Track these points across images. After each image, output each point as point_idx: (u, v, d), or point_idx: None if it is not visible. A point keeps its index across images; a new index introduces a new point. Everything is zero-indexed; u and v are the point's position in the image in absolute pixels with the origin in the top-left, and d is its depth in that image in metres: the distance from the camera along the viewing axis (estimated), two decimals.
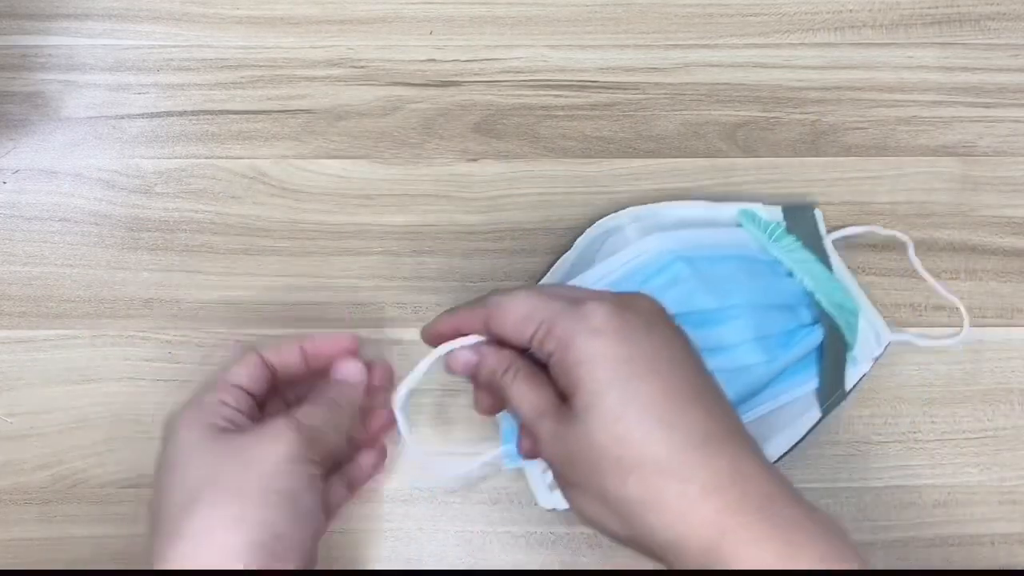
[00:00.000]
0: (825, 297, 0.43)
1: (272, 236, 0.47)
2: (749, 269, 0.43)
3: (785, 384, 0.42)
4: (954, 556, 0.43)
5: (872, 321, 0.45)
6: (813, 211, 0.46)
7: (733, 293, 0.41)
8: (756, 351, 0.41)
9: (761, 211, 0.46)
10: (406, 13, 0.51)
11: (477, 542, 0.43)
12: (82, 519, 0.43)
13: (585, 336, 0.31)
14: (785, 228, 0.45)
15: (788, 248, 0.44)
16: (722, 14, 0.51)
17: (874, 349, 0.44)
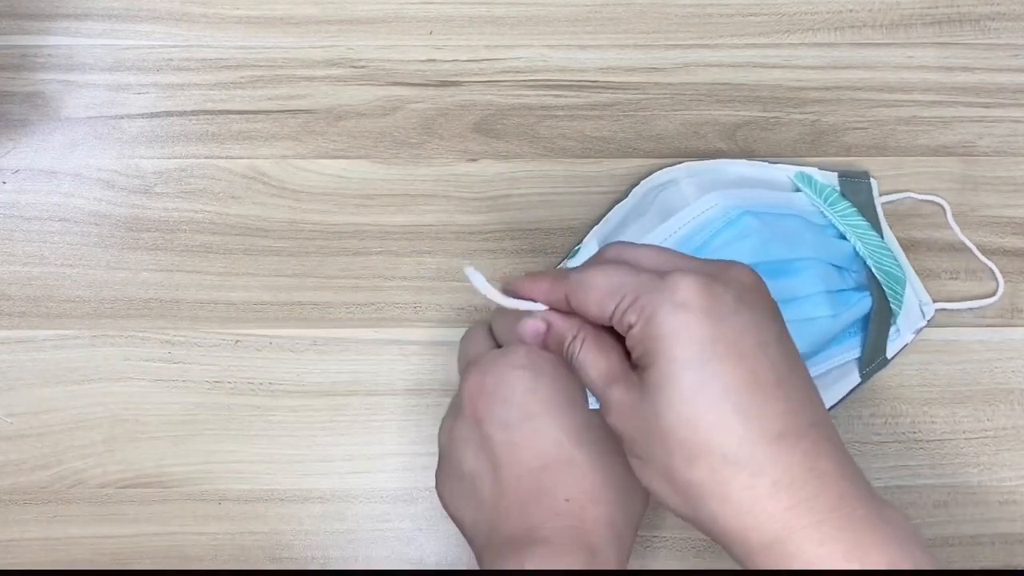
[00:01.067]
0: (876, 264, 0.44)
1: (272, 236, 0.47)
2: (809, 228, 0.44)
3: (836, 348, 0.43)
4: (954, 556, 0.43)
5: (917, 292, 0.45)
6: (869, 180, 0.47)
7: (801, 246, 0.42)
8: (824, 304, 0.41)
9: (817, 175, 0.46)
10: (406, 13, 0.51)
11: None
12: (82, 519, 0.43)
13: (668, 309, 0.29)
14: (840, 194, 0.46)
15: (842, 213, 0.45)
16: (722, 14, 0.51)
17: (918, 320, 0.45)
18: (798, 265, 0.42)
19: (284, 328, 0.46)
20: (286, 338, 0.45)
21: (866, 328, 0.44)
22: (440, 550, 0.43)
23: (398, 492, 0.44)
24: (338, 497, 0.43)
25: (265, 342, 0.45)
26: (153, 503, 0.43)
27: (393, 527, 0.43)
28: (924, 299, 0.45)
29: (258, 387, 0.45)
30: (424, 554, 0.43)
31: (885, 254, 0.45)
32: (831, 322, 0.41)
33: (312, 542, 0.43)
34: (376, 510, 0.43)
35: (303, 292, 0.46)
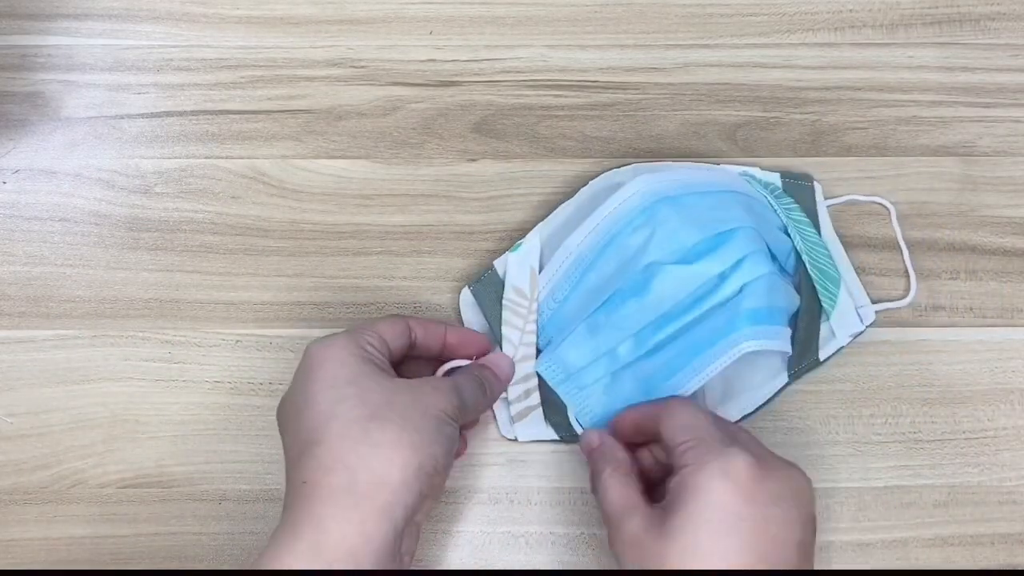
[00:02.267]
0: (811, 260, 0.44)
1: (272, 236, 0.47)
2: (746, 203, 0.43)
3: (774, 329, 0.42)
4: (954, 556, 0.43)
5: (856, 297, 0.45)
6: (812, 182, 0.47)
7: (728, 219, 0.41)
8: (764, 261, 0.41)
9: (759, 174, 0.47)
10: (406, 13, 0.51)
11: (477, 542, 0.43)
12: (82, 519, 0.43)
13: (718, 474, 0.34)
14: (783, 191, 0.46)
15: (786, 207, 0.45)
16: (722, 14, 0.51)
17: (855, 324, 0.44)
18: (731, 235, 0.41)
19: (284, 328, 0.46)
20: (286, 338, 0.45)
21: (795, 328, 0.43)
22: (440, 550, 0.43)
23: None
24: None
25: (265, 342, 0.45)
26: (153, 503, 0.43)
27: None
28: (862, 302, 0.45)
29: (258, 387, 0.45)
30: (424, 554, 0.43)
31: (822, 252, 0.45)
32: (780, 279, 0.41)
33: None
34: None
35: (303, 292, 0.46)
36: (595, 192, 0.45)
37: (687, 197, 0.42)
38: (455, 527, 0.43)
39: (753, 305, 0.40)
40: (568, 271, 0.43)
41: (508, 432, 0.43)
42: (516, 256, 0.44)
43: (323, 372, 0.37)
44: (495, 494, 0.43)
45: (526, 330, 0.43)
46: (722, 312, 0.41)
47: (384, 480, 0.34)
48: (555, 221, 0.45)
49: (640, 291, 0.41)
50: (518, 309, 0.43)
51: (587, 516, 0.43)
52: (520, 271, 0.44)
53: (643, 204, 0.42)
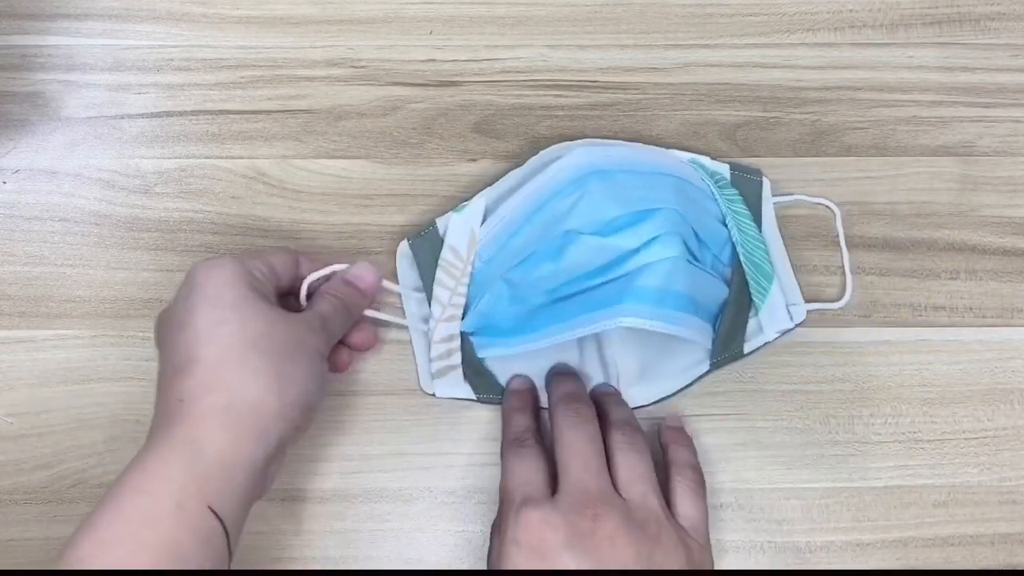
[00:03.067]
0: (745, 253, 0.44)
1: (272, 236, 0.47)
2: (679, 187, 0.43)
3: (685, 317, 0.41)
4: (954, 556, 0.43)
5: (787, 292, 0.45)
6: (761, 177, 0.47)
7: (653, 200, 0.41)
8: (675, 244, 0.40)
9: (708, 162, 0.47)
10: (406, 13, 0.51)
11: (477, 542, 0.43)
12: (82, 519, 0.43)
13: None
14: (729, 182, 0.46)
15: (728, 197, 0.45)
16: (722, 14, 0.51)
17: (784, 321, 0.44)
18: (652, 214, 0.41)
19: None
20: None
21: (720, 318, 0.43)
22: (440, 550, 0.43)
23: (398, 492, 0.44)
24: (338, 497, 0.43)
25: None
26: None
27: (393, 527, 0.43)
28: (794, 300, 0.45)
29: None
30: (424, 554, 0.43)
31: (758, 247, 0.45)
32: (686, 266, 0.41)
33: (312, 542, 0.43)
34: (376, 510, 0.43)
35: None
36: (543, 161, 0.45)
37: (620, 174, 0.42)
38: (455, 527, 0.43)
39: (646, 284, 0.40)
40: (497, 233, 0.44)
41: (428, 387, 0.44)
42: (459, 217, 0.45)
43: (206, 292, 0.37)
44: (495, 494, 0.43)
45: (456, 291, 0.44)
46: (615, 284, 0.41)
47: (262, 406, 0.35)
48: (502, 186, 0.45)
49: (555, 256, 0.41)
50: (452, 270, 0.44)
51: None
52: (460, 232, 0.45)
53: (575, 175, 0.42)
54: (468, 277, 0.44)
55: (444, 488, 0.44)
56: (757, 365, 0.45)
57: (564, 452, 0.38)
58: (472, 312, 0.43)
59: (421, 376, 0.44)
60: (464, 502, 0.43)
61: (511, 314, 0.43)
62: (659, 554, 0.35)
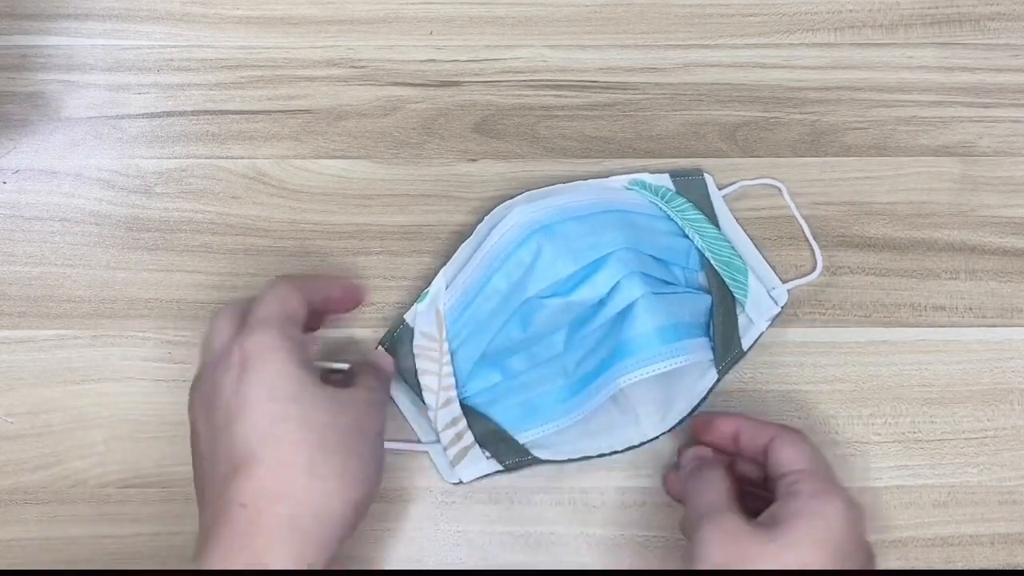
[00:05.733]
0: (714, 256, 0.44)
1: (272, 236, 0.47)
2: (624, 221, 0.43)
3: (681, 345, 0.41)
4: (954, 556, 0.43)
5: (764, 279, 0.45)
6: (701, 175, 0.47)
7: (602, 245, 0.42)
8: (636, 284, 0.41)
9: (649, 178, 0.47)
10: (406, 13, 0.51)
11: (477, 542, 0.43)
12: (82, 519, 0.43)
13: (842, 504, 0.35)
14: (675, 192, 0.47)
15: (679, 209, 0.45)
16: (722, 14, 0.51)
17: (770, 307, 0.45)
18: (604, 260, 0.41)
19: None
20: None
21: (712, 320, 0.44)
22: (440, 550, 0.43)
23: (398, 492, 0.44)
24: None
25: None
26: (153, 503, 0.43)
27: (393, 527, 0.43)
28: (772, 284, 0.45)
29: None
30: (424, 554, 0.43)
31: (723, 245, 0.45)
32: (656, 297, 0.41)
33: None
34: (376, 510, 0.43)
35: None
36: (489, 225, 0.44)
37: (563, 224, 0.42)
38: (455, 527, 0.43)
39: (631, 335, 0.41)
40: (459, 309, 0.43)
41: (451, 477, 0.43)
42: (423, 305, 0.44)
43: (262, 379, 0.35)
44: (495, 494, 0.43)
45: (443, 373, 0.43)
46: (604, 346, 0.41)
47: (327, 514, 0.34)
48: (457, 260, 0.44)
49: (523, 326, 0.42)
50: (430, 354, 0.43)
51: (587, 516, 0.43)
52: (427, 317, 0.44)
53: (519, 236, 0.42)
54: (448, 355, 0.43)
55: (444, 488, 0.44)
56: (757, 366, 0.45)
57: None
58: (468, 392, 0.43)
59: (441, 470, 0.43)
60: (464, 502, 0.43)
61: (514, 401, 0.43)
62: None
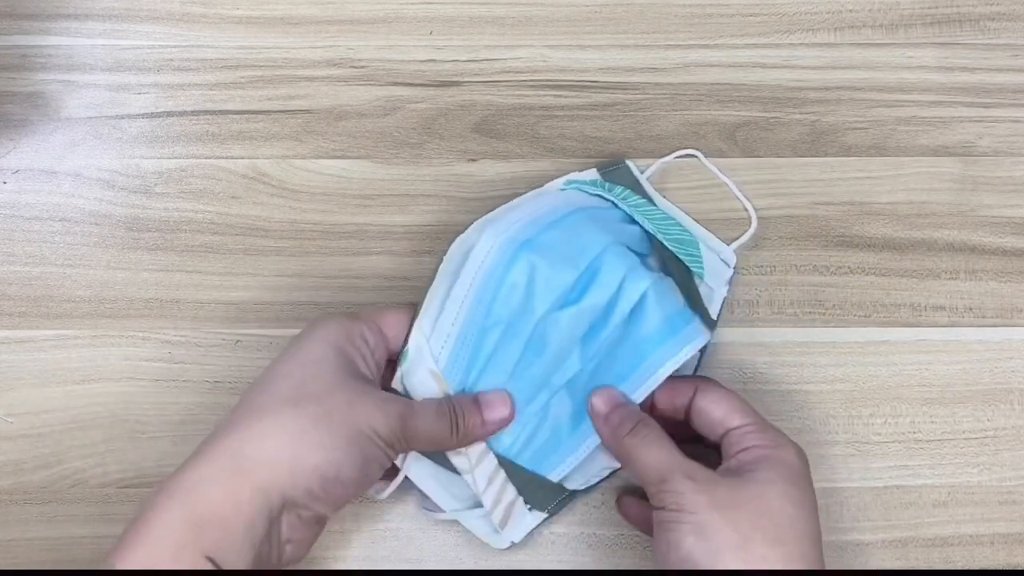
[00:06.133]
0: (664, 235, 0.44)
1: (272, 236, 0.47)
2: (593, 218, 0.42)
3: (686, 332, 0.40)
4: (954, 556, 0.43)
5: (713, 246, 0.46)
6: (624, 163, 0.47)
7: (590, 245, 0.40)
8: (643, 274, 0.40)
9: (580, 175, 0.47)
10: (406, 13, 0.51)
11: (477, 542, 0.43)
12: (82, 519, 0.43)
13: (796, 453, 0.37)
14: (609, 183, 0.46)
15: (620, 196, 0.45)
16: (722, 14, 0.51)
17: (725, 272, 0.45)
18: (600, 259, 0.40)
19: (284, 328, 0.46)
20: (286, 338, 0.45)
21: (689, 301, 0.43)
22: (440, 550, 0.43)
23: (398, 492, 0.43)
24: None
25: (265, 342, 0.45)
26: None
27: (393, 527, 0.43)
28: (720, 248, 0.46)
29: None
30: (424, 554, 0.43)
31: (669, 223, 0.45)
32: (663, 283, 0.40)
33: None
34: (376, 510, 0.43)
35: (303, 292, 0.46)
36: (460, 255, 0.41)
37: (540, 235, 0.40)
38: (455, 527, 0.43)
39: (646, 332, 0.40)
40: (451, 358, 0.40)
41: (501, 543, 0.40)
42: (407, 366, 0.40)
43: (300, 343, 0.38)
44: None
45: None
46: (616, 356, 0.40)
47: (270, 461, 0.34)
48: (430, 309, 0.41)
49: (540, 348, 0.40)
50: None
51: (587, 516, 0.43)
52: (422, 380, 0.40)
53: (503, 258, 0.39)
54: None
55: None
56: (757, 365, 0.45)
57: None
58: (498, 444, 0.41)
59: (488, 539, 0.40)
60: None
61: (541, 440, 0.41)
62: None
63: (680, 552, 0.34)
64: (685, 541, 0.34)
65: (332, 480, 0.35)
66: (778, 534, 0.34)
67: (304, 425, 0.35)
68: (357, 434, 0.36)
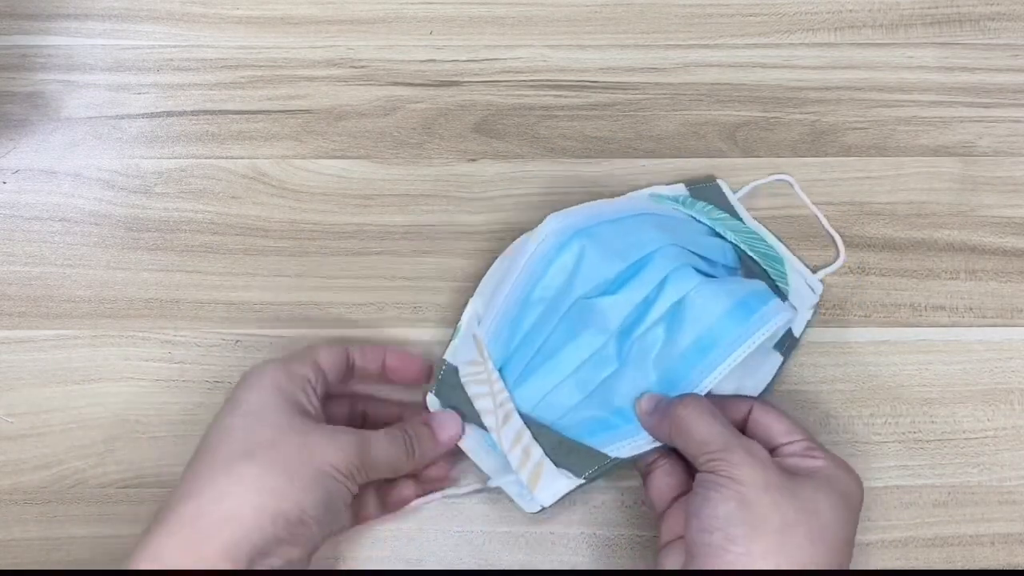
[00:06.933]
0: (750, 247, 0.44)
1: (272, 236, 0.47)
2: (659, 223, 0.42)
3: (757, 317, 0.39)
4: (954, 556, 0.43)
5: (800, 271, 0.45)
6: (716, 182, 0.47)
7: (645, 243, 0.40)
8: (687, 276, 0.39)
9: (666, 190, 0.47)
10: (406, 13, 0.51)
11: (477, 542, 0.43)
12: (82, 519, 0.43)
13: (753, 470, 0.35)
14: (694, 199, 0.46)
15: (703, 210, 0.45)
16: (722, 14, 0.51)
17: (811, 297, 0.45)
18: (651, 256, 0.40)
19: (284, 328, 0.46)
20: (286, 338, 0.45)
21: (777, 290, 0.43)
22: (440, 550, 0.43)
23: None
24: None
25: (265, 342, 0.45)
26: (153, 503, 0.43)
27: (393, 527, 0.43)
28: (806, 274, 0.45)
29: None
30: (424, 554, 0.43)
31: (756, 239, 0.45)
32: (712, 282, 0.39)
33: None
34: None
35: (303, 292, 0.46)
36: (518, 247, 0.43)
37: (599, 227, 0.41)
38: (455, 527, 0.43)
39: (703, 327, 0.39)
40: (494, 328, 0.41)
41: (531, 506, 0.39)
42: (459, 341, 0.43)
43: (235, 396, 0.37)
44: (495, 494, 0.43)
45: (496, 392, 0.41)
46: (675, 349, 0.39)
47: (232, 517, 0.33)
48: (487, 288, 0.43)
49: (571, 331, 0.40)
50: (478, 377, 0.41)
51: (587, 516, 0.43)
52: (466, 346, 0.42)
53: (559, 241, 0.40)
54: (496, 373, 0.41)
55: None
56: None
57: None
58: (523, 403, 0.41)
59: (520, 502, 0.40)
60: (464, 502, 0.43)
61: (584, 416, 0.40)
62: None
63: (716, 512, 0.34)
64: (726, 505, 0.34)
65: (296, 523, 0.34)
66: (821, 534, 0.34)
67: (259, 474, 0.34)
68: (316, 472, 0.35)
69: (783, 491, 0.34)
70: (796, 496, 0.34)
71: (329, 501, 0.36)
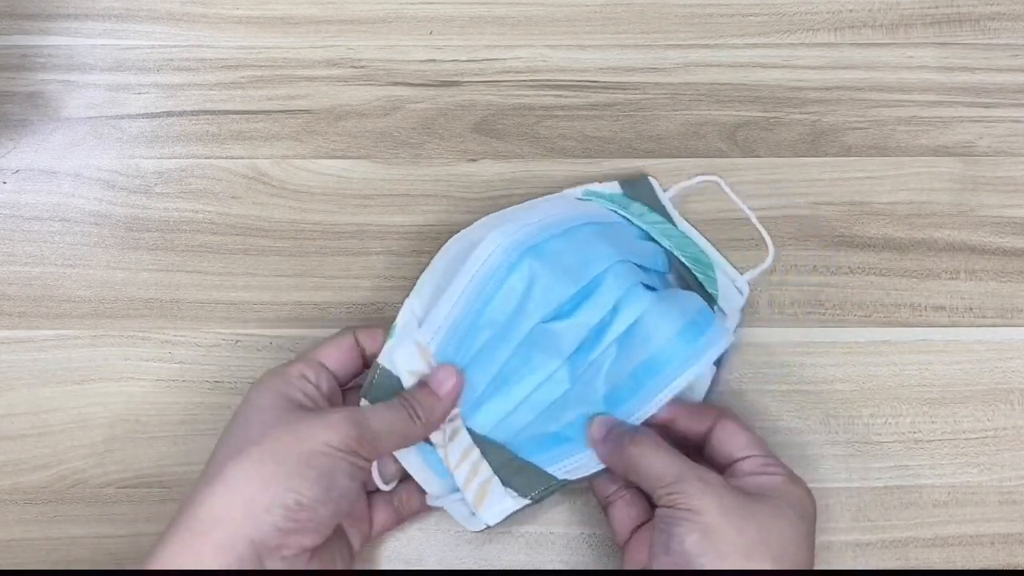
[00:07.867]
0: (682, 253, 0.44)
1: (272, 236, 0.47)
2: (604, 233, 0.42)
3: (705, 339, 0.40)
4: (954, 556, 0.43)
5: (728, 272, 0.46)
6: (647, 179, 0.47)
7: (593, 260, 0.40)
8: (640, 296, 0.39)
9: (600, 187, 0.46)
10: (406, 13, 0.51)
11: (477, 542, 0.43)
12: (82, 519, 0.43)
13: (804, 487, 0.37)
14: (629, 198, 0.46)
15: (637, 213, 0.45)
16: (722, 14, 0.51)
17: (737, 299, 0.45)
18: (602, 276, 0.40)
19: (284, 328, 0.46)
20: (286, 338, 0.45)
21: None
22: (440, 550, 0.43)
23: None
24: None
25: (265, 342, 0.45)
26: (153, 503, 0.43)
27: None
28: (734, 276, 0.45)
29: None
30: (424, 554, 0.43)
31: (688, 243, 0.45)
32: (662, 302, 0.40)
33: None
34: None
35: (303, 292, 0.46)
36: (460, 250, 0.41)
37: (547, 243, 0.40)
38: (455, 527, 0.43)
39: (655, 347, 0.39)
40: (441, 344, 0.40)
41: (475, 525, 0.39)
42: (394, 341, 0.40)
43: (240, 409, 0.37)
44: None
45: None
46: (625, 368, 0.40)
47: (223, 516, 0.34)
48: (424, 289, 0.41)
49: (527, 356, 0.40)
50: None
51: (587, 516, 0.43)
52: (407, 352, 0.40)
53: (507, 261, 0.39)
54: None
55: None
56: (756, 365, 0.45)
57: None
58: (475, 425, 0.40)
59: (462, 521, 0.39)
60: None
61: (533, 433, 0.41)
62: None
63: (683, 546, 0.34)
64: (689, 538, 0.34)
65: (296, 508, 0.34)
66: (783, 553, 0.34)
67: (248, 467, 0.34)
68: (307, 453, 0.35)
69: (742, 514, 0.35)
70: (755, 517, 0.35)
71: (326, 479, 0.35)
